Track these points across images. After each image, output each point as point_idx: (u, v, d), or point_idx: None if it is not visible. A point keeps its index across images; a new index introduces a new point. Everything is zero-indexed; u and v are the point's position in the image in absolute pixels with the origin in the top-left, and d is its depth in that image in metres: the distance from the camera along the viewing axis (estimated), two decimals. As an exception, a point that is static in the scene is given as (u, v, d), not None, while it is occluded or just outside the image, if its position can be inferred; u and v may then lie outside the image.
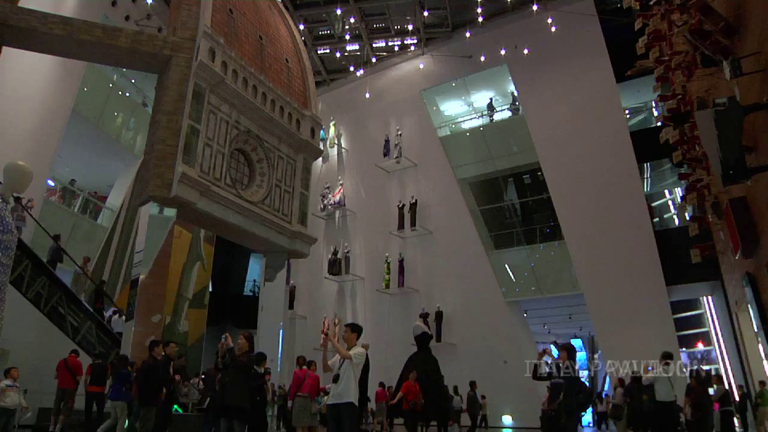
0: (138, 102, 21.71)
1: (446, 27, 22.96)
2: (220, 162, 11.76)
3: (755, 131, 8.43)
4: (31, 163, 10.70)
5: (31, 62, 14.08)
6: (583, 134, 19.48)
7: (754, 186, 8.59)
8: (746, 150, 8.38)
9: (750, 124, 8.24)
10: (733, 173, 7.90)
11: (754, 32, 8.30)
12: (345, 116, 25.58)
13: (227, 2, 13.02)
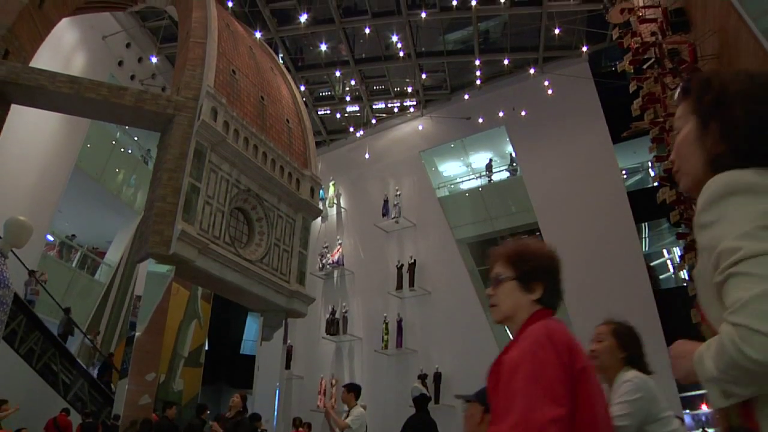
0: (139, 159, 21.97)
1: (445, 89, 23.40)
2: (219, 220, 11.81)
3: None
4: (32, 218, 10.75)
5: (37, 119, 14.33)
6: (580, 194, 19.60)
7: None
8: (742, 210, 8.43)
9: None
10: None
11: (745, 95, 8.47)
12: (344, 176, 25.78)
13: (230, 64, 13.34)
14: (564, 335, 2.10)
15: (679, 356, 1.48)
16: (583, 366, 2.04)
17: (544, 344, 2.02)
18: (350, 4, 20.55)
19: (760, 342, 1.17)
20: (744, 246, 1.26)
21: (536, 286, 2.34)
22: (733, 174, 1.38)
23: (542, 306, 2.32)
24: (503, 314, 2.34)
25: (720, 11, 9.10)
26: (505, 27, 20.81)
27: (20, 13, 11.24)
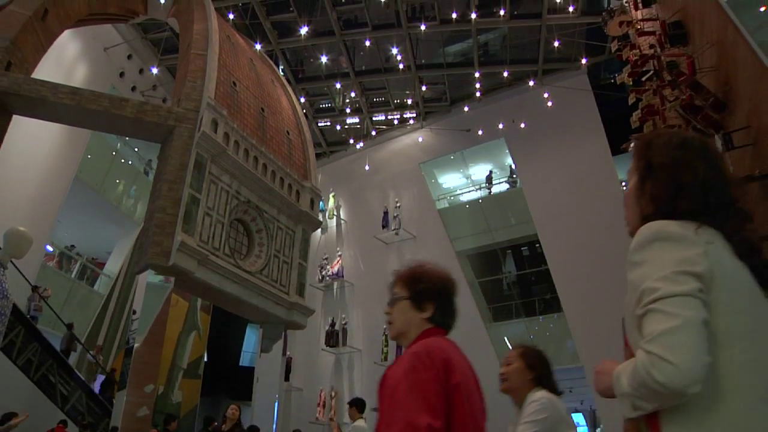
0: (139, 170, 22.01)
1: (445, 101, 23.48)
2: (219, 231, 11.81)
3: (750, 203, 8.52)
4: (32, 229, 10.76)
5: (38, 130, 14.38)
6: (580, 206, 19.62)
7: (752, 257, 8.61)
8: (742, 222, 8.45)
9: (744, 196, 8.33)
10: (729, 244, 7.94)
11: (742, 108, 8.54)
12: (344, 188, 25.81)
13: (231, 75, 13.40)
14: (443, 353, 2.27)
15: (602, 373, 1.72)
16: (458, 382, 2.21)
17: (423, 361, 2.20)
18: (350, 16, 20.67)
19: (665, 368, 1.43)
20: (662, 287, 1.53)
21: (428, 306, 2.55)
22: (660, 224, 1.67)
23: (434, 324, 2.54)
24: (397, 330, 2.60)
25: (717, 24, 9.16)
26: (505, 39, 20.94)
27: (23, 25, 11.31)
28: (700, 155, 1.80)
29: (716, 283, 1.57)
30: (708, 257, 1.59)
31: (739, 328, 1.55)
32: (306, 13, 19.86)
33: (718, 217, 1.71)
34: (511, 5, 18.91)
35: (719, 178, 1.78)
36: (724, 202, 1.75)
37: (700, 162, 1.78)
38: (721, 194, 1.76)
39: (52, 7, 12.38)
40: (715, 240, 1.65)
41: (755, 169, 8.15)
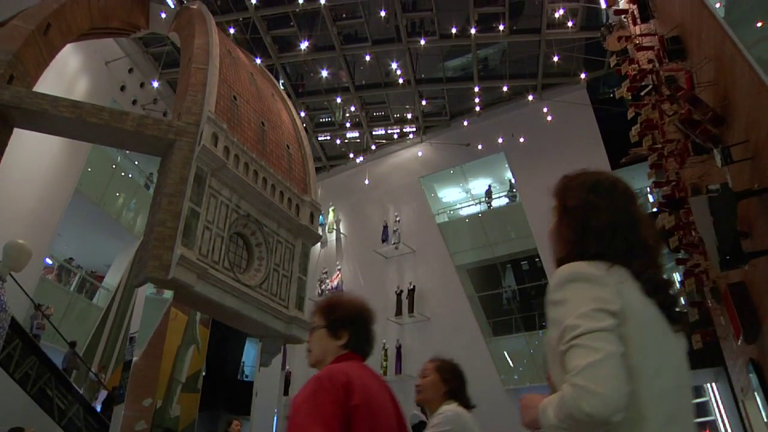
0: (139, 183, 22.04)
1: (444, 116, 23.57)
2: (218, 245, 11.79)
3: (749, 217, 8.54)
4: (31, 241, 10.75)
5: (39, 143, 14.42)
6: (580, 221, 19.60)
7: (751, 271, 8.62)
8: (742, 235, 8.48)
9: (744, 210, 8.35)
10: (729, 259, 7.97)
11: (740, 122, 8.57)
12: (344, 202, 25.85)
13: (231, 89, 13.45)
14: (344, 376, 2.41)
15: (527, 406, 1.82)
16: (357, 404, 2.33)
17: (324, 384, 2.36)
18: (351, 31, 20.80)
19: (592, 399, 1.51)
20: (582, 324, 1.62)
21: (343, 334, 2.69)
22: (573, 265, 1.79)
23: (349, 351, 2.68)
24: (315, 358, 2.76)
25: (715, 39, 9.20)
26: (504, 54, 21.05)
27: (26, 40, 11.37)
28: (609, 198, 1.91)
29: (628, 320, 1.69)
30: (620, 296, 1.71)
31: (647, 362, 1.68)
32: (306, 27, 19.99)
33: (626, 257, 1.82)
34: (510, 20, 19.03)
35: (627, 220, 1.89)
36: (632, 242, 1.86)
37: (608, 204, 1.90)
38: (628, 235, 1.86)
39: (54, 22, 12.46)
40: (625, 279, 1.76)
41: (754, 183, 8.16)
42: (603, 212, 1.88)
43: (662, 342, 1.75)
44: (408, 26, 20.00)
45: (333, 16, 19.34)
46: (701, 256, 11.55)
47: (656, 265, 1.90)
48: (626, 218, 1.89)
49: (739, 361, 11.41)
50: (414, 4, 19.68)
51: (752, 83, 8.01)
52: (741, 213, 8.25)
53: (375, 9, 19.25)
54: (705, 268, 11.73)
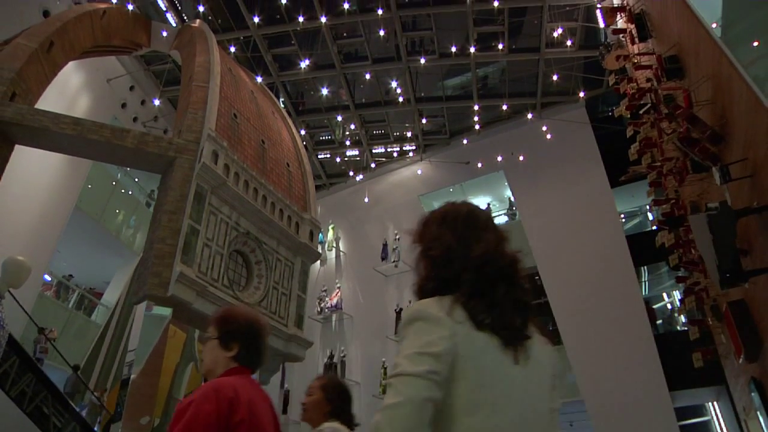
0: (140, 200, 22.07)
1: (444, 134, 23.63)
2: (218, 263, 11.80)
3: (749, 235, 8.55)
4: (30, 258, 10.73)
5: (39, 159, 14.43)
6: (579, 239, 19.62)
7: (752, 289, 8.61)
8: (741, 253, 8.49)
9: (743, 228, 8.37)
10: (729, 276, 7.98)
11: (738, 140, 8.61)
12: (344, 220, 25.82)
13: (232, 107, 13.53)
14: (231, 390, 2.49)
15: None
16: (241, 419, 2.43)
17: (209, 396, 2.43)
18: (351, 50, 20.92)
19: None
20: (402, 365, 1.72)
21: (233, 346, 2.78)
22: (420, 304, 1.85)
23: (239, 363, 2.77)
24: (206, 368, 2.81)
25: (712, 58, 9.28)
26: (504, 73, 21.15)
27: (29, 57, 11.47)
28: (454, 229, 1.99)
29: (461, 359, 1.74)
30: (455, 337, 1.75)
31: (483, 398, 1.73)
32: (307, 46, 20.12)
33: (474, 289, 1.85)
34: (509, 39, 19.16)
35: (475, 250, 1.92)
36: (481, 273, 1.88)
37: (453, 236, 1.97)
38: (476, 265, 1.89)
39: (57, 40, 12.57)
40: (464, 320, 1.79)
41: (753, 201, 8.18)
42: (449, 245, 1.94)
43: (501, 378, 1.78)
44: (408, 45, 20.13)
45: (333, 35, 19.47)
46: (701, 274, 11.54)
47: (510, 292, 1.92)
48: (474, 248, 1.92)
49: (741, 380, 11.36)
50: (414, 24, 19.83)
51: (750, 102, 8.07)
52: (740, 231, 8.26)
53: (375, 28, 19.39)
54: (705, 285, 11.72)
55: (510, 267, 1.97)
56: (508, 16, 18.43)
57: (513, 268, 2.00)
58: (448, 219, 2.04)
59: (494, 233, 2.01)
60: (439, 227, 2.01)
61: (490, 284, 1.87)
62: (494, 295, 1.86)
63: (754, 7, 8.45)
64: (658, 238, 12.60)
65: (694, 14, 9.90)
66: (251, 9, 18.47)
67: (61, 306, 19.18)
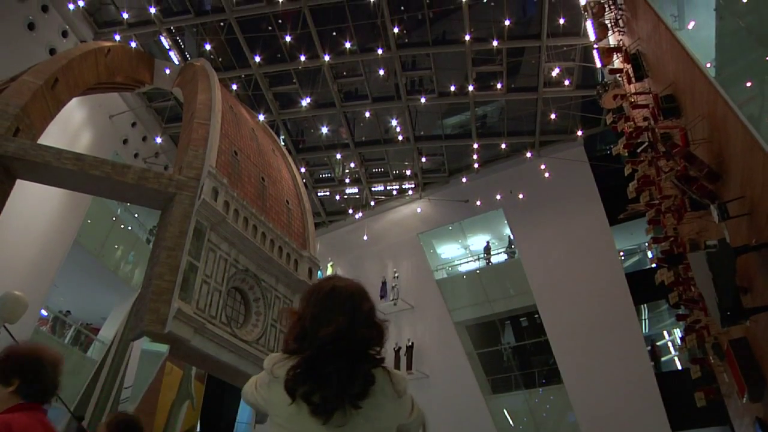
0: (139, 236, 22.05)
1: (443, 172, 23.75)
2: (216, 299, 11.71)
3: (749, 272, 8.53)
4: (28, 292, 10.68)
5: (40, 193, 14.48)
6: (579, 277, 19.58)
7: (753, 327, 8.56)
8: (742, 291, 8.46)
9: (743, 265, 8.35)
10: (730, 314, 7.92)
11: (735, 178, 8.66)
12: (343, 257, 25.78)
13: (233, 145, 13.62)
14: (5, 428, 2.54)
15: None
16: None
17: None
18: (351, 89, 21.18)
19: None
20: (247, 390, 2.42)
21: (13, 381, 2.79)
22: (269, 357, 2.29)
23: (23, 398, 2.81)
24: None
25: (707, 98, 9.39)
26: (502, 112, 21.37)
27: (34, 94, 11.60)
28: (306, 303, 2.29)
29: (271, 406, 2.22)
30: (270, 387, 2.22)
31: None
32: (308, 84, 20.36)
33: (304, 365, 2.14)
34: (508, 79, 19.43)
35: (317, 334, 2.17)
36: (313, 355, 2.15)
37: (304, 309, 2.27)
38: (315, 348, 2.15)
39: (62, 77, 12.73)
40: (281, 375, 2.16)
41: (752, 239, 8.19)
42: (303, 324, 2.22)
43: (294, 426, 2.16)
44: (407, 84, 20.40)
45: (334, 74, 19.74)
46: (701, 312, 11.48)
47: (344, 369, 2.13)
48: (322, 330, 2.16)
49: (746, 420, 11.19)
50: (413, 63, 20.12)
51: (745, 141, 8.14)
52: (740, 268, 8.24)
53: (375, 67, 19.68)
54: (706, 323, 11.65)
55: (360, 344, 2.20)
56: (507, 56, 18.74)
57: (363, 345, 2.22)
58: (311, 298, 2.28)
59: (349, 315, 2.21)
60: (304, 304, 2.29)
61: (326, 361, 2.11)
62: (324, 371, 2.10)
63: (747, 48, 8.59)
64: (658, 276, 12.57)
65: (688, 55, 10.06)
66: (253, 48, 18.77)
67: (57, 341, 18.99)
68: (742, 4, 8.73)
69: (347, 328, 2.17)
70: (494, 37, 17.92)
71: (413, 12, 18.25)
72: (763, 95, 8.31)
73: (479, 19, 18.21)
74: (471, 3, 17.36)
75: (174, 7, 18.62)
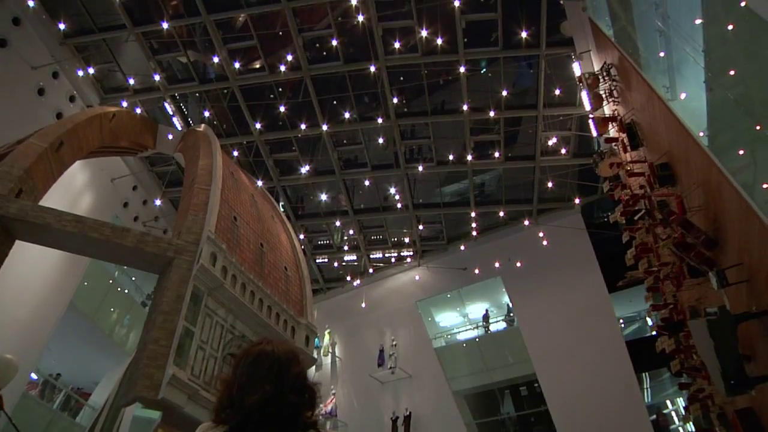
0: (135, 299, 21.88)
1: (442, 240, 23.80)
2: (211, 366, 11.52)
3: (751, 340, 8.46)
4: (19, 355, 10.53)
5: (38, 254, 14.41)
6: (578, 345, 19.37)
7: (759, 396, 8.41)
8: (745, 359, 8.36)
9: (744, 333, 8.29)
10: (734, 384, 7.81)
11: (733, 245, 8.70)
12: (340, 325, 25.53)
13: (232, 210, 13.70)
14: None
15: None
16: None
17: None
18: (350, 156, 21.48)
19: None
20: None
21: None
22: (202, 425, 2.28)
23: None
24: None
25: (702, 166, 9.54)
26: (500, 180, 21.61)
27: (39, 156, 11.75)
28: (234, 371, 2.30)
29: None
30: None
31: None
32: (308, 152, 20.67)
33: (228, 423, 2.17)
34: (505, 147, 19.74)
35: (243, 402, 2.18)
36: (238, 422, 2.16)
37: (232, 377, 2.29)
38: (240, 416, 2.16)
39: (67, 140, 12.93)
40: None
41: (752, 306, 8.16)
42: (230, 392, 2.25)
43: None
44: (406, 152, 20.70)
45: (334, 142, 20.07)
46: (705, 381, 11.30)
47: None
48: (248, 398, 2.18)
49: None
50: (412, 132, 20.49)
51: (741, 208, 8.23)
52: (742, 336, 8.17)
53: (375, 136, 20.03)
54: (710, 392, 11.44)
55: (290, 409, 2.20)
56: (504, 126, 19.10)
57: (293, 411, 2.21)
58: (239, 365, 2.30)
59: (275, 382, 2.22)
60: (232, 371, 2.30)
61: (253, 430, 2.12)
62: None
63: (737, 118, 8.79)
64: (659, 344, 12.44)
65: (681, 124, 10.28)
66: (255, 115, 19.17)
67: (45, 406, 18.54)
68: (730, 77, 8.98)
69: (274, 395, 2.16)
70: (492, 106, 18.35)
71: (412, 82, 18.70)
72: (755, 163, 8.45)
73: (477, 89, 18.69)
74: (469, 74, 17.84)
75: (179, 75, 19.12)
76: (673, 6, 10.23)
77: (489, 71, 18.43)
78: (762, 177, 8.16)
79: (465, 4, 16.13)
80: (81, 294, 18.31)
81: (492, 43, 17.27)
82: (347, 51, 17.90)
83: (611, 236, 17.39)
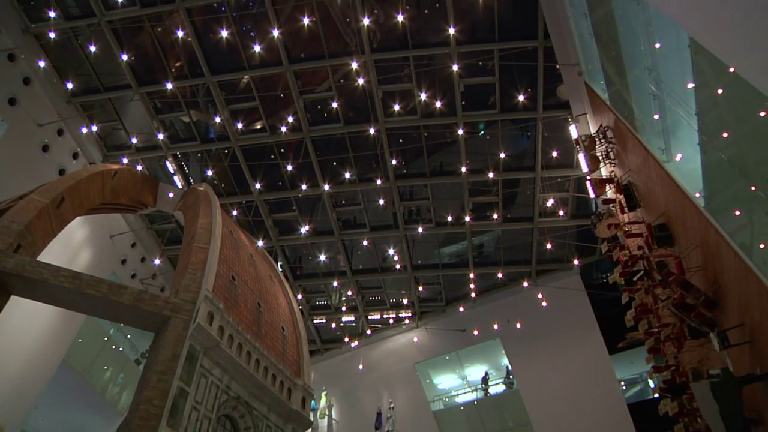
0: (129, 357, 21.58)
1: (440, 301, 23.67)
2: (205, 427, 11.26)
3: (756, 403, 8.32)
4: (6, 414, 10.30)
5: (33, 309, 14.28)
6: (579, 408, 19.04)
7: (768, 462, 8.22)
8: (752, 423, 8.21)
9: (749, 395, 8.16)
10: (742, 449, 7.63)
11: (733, 305, 8.66)
12: (337, 386, 25.10)
13: (230, 270, 13.67)
14: None
15: None
16: None
17: None
18: (349, 217, 21.57)
19: None
20: None
21: None
22: None
23: None
24: None
25: (699, 226, 9.59)
26: (499, 241, 21.65)
27: (39, 212, 11.81)
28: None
29: None
30: None
31: None
32: (307, 212, 20.77)
33: None
34: (503, 209, 19.86)
35: None
36: None
37: None
38: None
39: (68, 197, 13.02)
40: None
41: (756, 368, 8.06)
42: None
43: None
44: (405, 214, 20.80)
45: (333, 203, 20.19)
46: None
47: None
48: None
49: None
50: (411, 193, 20.64)
51: (739, 269, 8.23)
52: (747, 399, 8.04)
53: (374, 197, 20.16)
54: (716, 459, 11.16)
55: None
56: (502, 187, 19.26)
57: None
58: None
59: None
60: None
61: None
62: None
63: (731, 179, 8.88)
64: (661, 407, 12.21)
65: (677, 185, 10.37)
66: (255, 175, 19.36)
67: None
68: (723, 139, 9.12)
69: None
70: (490, 168, 18.56)
71: (411, 144, 18.96)
72: (752, 224, 8.49)
73: (475, 151, 18.95)
74: (467, 136, 18.12)
75: (181, 134, 19.40)
76: (665, 71, 10.48)
77: (487, 134, 18.72)
78: (759, 237, 8.18)
79: (463, 69, 16.56)
80: (75, 351, 18.11)
81: (490, 106, 17.62)
82: (347, 113, 18.23)
83: (611, 297, 17.35)
